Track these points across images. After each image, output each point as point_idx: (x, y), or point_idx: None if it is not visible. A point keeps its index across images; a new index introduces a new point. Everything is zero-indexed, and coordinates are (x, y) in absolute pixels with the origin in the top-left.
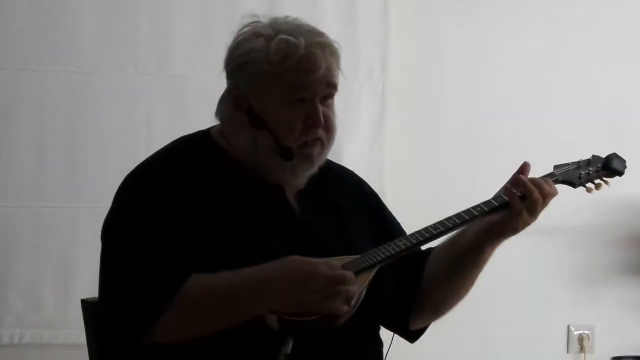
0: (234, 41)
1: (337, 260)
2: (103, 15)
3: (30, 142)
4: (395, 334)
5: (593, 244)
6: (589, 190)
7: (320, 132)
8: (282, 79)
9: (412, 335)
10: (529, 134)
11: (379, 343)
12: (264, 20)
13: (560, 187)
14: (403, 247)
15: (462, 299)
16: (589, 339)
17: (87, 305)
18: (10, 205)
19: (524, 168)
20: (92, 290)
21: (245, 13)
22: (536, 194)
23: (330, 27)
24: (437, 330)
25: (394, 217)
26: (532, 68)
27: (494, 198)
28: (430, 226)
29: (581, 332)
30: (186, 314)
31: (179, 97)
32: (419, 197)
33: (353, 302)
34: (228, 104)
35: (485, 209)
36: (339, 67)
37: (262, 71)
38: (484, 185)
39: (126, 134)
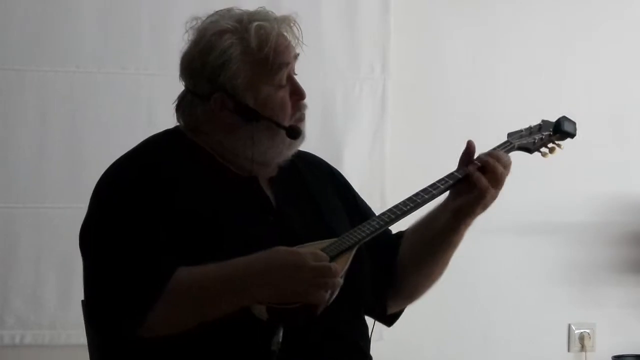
0: (196, 46)
1: (317, 245)
2: (104, 16)
3: (32, 143)
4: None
5: (594, 243)
6: (544, 155)
7: (303, 105)
8: (264, 65)
9: (389, 319)
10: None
11: (364, 324)
12: (211, 18)
13: (562, 186)
14: (377, 226)
15: (436, 280)
16: (590, 337)
17: None
18: (11, 206)
19: (470, 146)
20: None
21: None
22: (500, 168)
23: (331, 26)
24: (439, 328)
25: (363, 200)
26: (534, 66)
27: (456, 171)
28: (400, 203)
29: (582, 331)
30: (174, 307)
31: None
32: None
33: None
34: (203, 110)
35: (450, 181)
36: (299, 37)
37: (244, 64)
38: None
39: (128, 134)
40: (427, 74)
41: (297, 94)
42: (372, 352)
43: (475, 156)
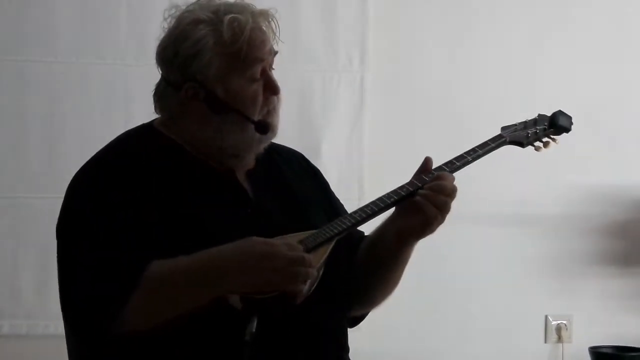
0: (171, 34)
1: (294, 237)
2: (81, 5)
3: (9, 133)
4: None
5: (571, 235)
6: (537, 149)
7: (276, 100)
8: (237, 57)
9: (352, 321)
10: (509, 121)
11: (343, 318)
12: (189, 7)
13: (539, 178)
14: (359, 218)
15: (390, 293)
16: (566, 329)
17: None
18: None
19: (427, 163)
20: None
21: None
22: (442, 197)
23: (309, 17)
24: (416, 319)
25: (337, 199)
26: (512, 58)
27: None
28: (382, 197)
29: (559, 322)
30: (147, 300)
31: None
32: None
33: (312, 279)
34: (176, 99)
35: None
36: (276, 33)
37: (217, 55)
38: (464, 176)
39: (105, 124)
40: (406, 67)
41: (271, 89)
42: (349, 343)
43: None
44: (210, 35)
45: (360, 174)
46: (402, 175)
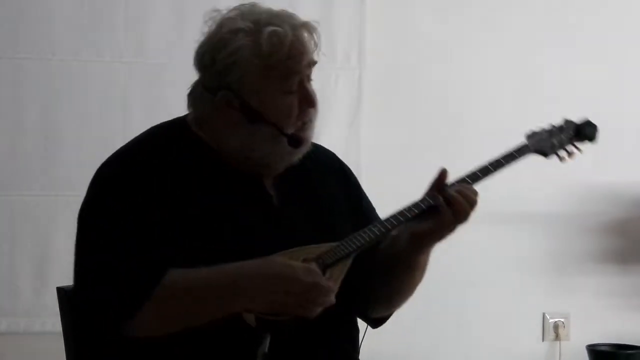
0: (210, 40)
1: (315, 249)
2: (80, 3)
3: (6, 131)
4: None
5: (569, 232)
6: (561, 159)
7: (313, 112)
8: (275, 69)
9: (374, 322)
10: (505, 119)
11: (355, 330)
12: (230, 13)
13: (537, 176)
14: (378, 232)
15: (409, 296)
16: (564, 327)
17: (62, 293)
18: None
19: (443, 175)
20: (68, 278)
21: (224, 4)
22: (467, 206)
23: (307, 14)
24: (413, 317)
25: (370, 201)
26: (510, 57)
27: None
28: (399, 211)
29: (556, 320)
30: (164, 308)
31: (155, 85)
32: (396, 184)
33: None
34: (210, 103)
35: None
36: (317, 44)
37: (254, 66)
38: (460, 172)
39: (103, 122)
40: (403, 64)
41: (307, 102)
42: None
43: (448, 182)
44: (248, 46)
45: (357, 171)
46: (399, 172)
